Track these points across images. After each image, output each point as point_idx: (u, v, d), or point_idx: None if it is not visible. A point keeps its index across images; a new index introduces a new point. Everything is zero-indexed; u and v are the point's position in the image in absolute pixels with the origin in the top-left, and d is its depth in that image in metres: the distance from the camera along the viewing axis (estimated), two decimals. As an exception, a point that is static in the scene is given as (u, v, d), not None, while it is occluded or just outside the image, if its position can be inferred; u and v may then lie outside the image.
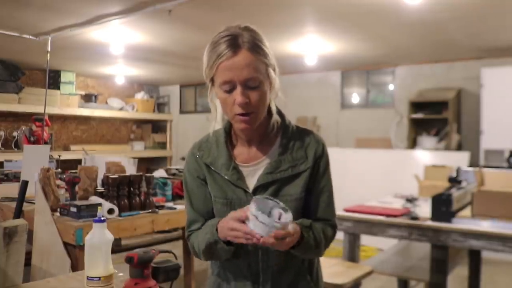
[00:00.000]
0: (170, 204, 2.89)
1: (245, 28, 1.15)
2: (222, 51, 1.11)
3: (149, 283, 1.37)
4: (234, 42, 1.11)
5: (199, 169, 1.27)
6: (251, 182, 1.22)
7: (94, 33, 4.64)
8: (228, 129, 1.27)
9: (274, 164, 1.21)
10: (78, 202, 2.38)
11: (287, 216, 1.08)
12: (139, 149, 8.45)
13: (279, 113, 1.27)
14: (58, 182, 2.93)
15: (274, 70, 1.19)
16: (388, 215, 2.73)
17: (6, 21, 4.28)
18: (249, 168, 1.24)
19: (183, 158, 4.42)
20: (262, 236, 1.04)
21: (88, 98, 7.70)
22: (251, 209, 1.06)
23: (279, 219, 1.07)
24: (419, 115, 5.80)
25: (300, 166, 1.22)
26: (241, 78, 1.11)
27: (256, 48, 1.13)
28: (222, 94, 1.15)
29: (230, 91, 1.13)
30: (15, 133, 6.44)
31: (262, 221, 1.04)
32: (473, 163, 4.96)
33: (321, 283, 1.33)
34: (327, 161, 1.27)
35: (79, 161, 3.62)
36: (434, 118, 5.75)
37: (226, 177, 1.21)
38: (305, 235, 1.14)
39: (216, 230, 1.15)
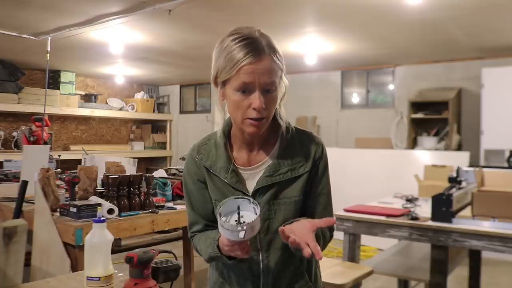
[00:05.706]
0: (170, 204, 2.89)
1: (260, 33, 1.14)
2: (245, 54, 1.09)
3: (149, 283, 1.37)
4: (256, 46, 1.10)
5: (199, 172, 1.26)
6: (251, 185, 1.22)
7: (94, 33, 4.63)
8: (227, 132, 1.26)
9: (273, 167, 1.21)
10: (78, 202, 2.38)
11: (251, 216, 1.05)
12: (139, 149, 8.46)
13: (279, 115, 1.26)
14: (58, 182, 2.93)
15: (285, 75, 1.20)
16: (388, 215, 2.73)
17: (6, 21, 4.28)
18: (248, 171, 1.24)
19: (183, 158, 4.41)
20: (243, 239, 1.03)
21: (87, 98, 7.71)
22: (218, 218, 1.05)
23: (241, 220, 1.05)
24: (419, 115, 5.80)
25: (300, 169, 1.22)
26: (261, 82, 1.10)
27: (275, 53, 1.13)
28: (236, 96, 1.12)
29: (246, 94, 1.11)
30: (14, 133, 6.44)
31: (227, 228, 1.03)
32: (473, 163, 4.95)
33: (319, 283, 1.33)
34: (326, 163, 1.27)
35: (79, 161, 3.62)
36: (434, 118, 5.75)
37: (225, 180, 1.21)
38: None
39: (217, 246, 1.15)
